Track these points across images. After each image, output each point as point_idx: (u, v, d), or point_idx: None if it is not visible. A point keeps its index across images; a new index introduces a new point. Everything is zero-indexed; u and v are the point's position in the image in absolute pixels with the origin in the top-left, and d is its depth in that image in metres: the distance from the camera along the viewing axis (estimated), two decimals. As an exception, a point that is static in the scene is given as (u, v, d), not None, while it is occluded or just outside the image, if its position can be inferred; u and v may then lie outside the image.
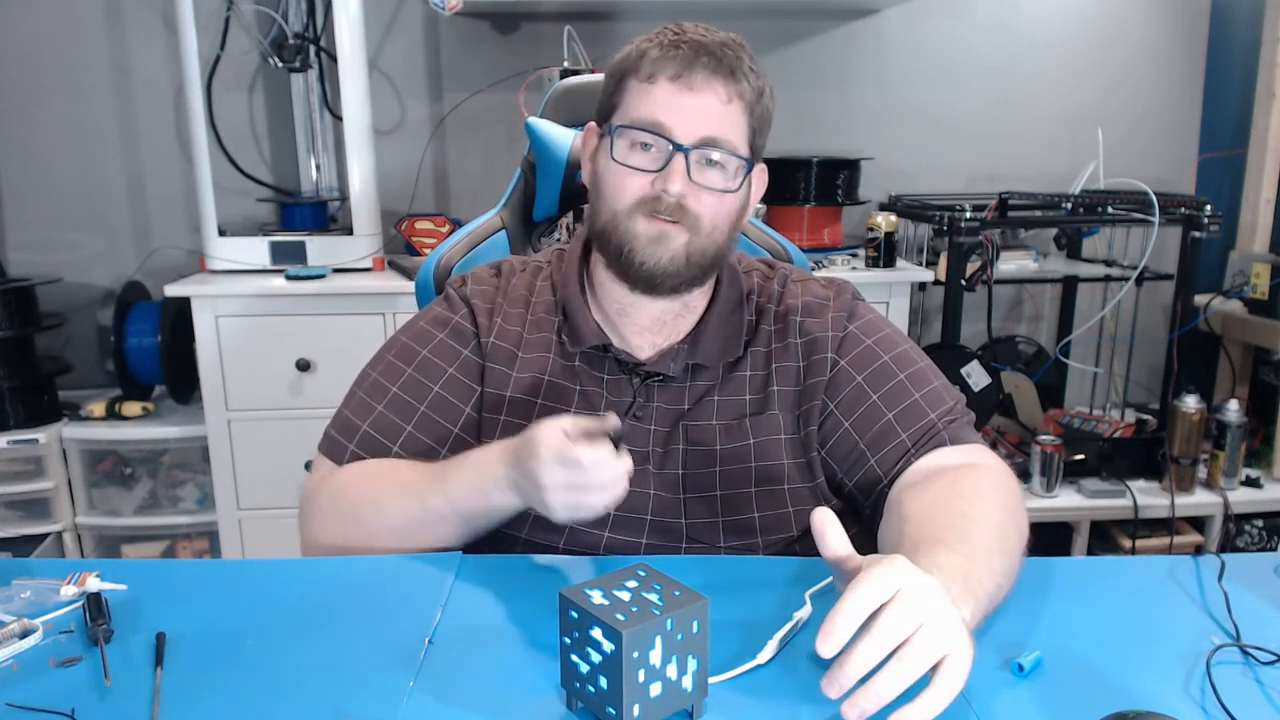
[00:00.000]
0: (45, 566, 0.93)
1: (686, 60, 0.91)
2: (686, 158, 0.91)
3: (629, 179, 0.93)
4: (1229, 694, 0.69)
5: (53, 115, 2.46)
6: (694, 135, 0.91)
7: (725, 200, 0.94)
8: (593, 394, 1.01)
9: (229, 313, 2.15)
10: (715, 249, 0.96)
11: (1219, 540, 2.34)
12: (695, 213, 0.93)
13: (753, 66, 0.94)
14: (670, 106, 0.91)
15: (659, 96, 0.92)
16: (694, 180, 0.92)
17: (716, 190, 0.93)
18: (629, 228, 0.94)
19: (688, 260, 0.94)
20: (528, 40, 2.55)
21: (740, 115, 0.93)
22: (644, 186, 0.93)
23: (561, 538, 0.98)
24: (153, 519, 2.35)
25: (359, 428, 1.02)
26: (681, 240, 0.93)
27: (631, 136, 0.93)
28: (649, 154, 0.93)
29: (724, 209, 0.95)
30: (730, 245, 0.99)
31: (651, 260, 0.94)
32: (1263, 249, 2.63)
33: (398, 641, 0.77)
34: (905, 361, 1.00)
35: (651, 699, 0.64)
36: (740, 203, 0.97)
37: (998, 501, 0.86)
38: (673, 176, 0.91)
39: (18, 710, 0.68)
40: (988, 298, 2.48)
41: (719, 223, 0.95)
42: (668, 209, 0.92)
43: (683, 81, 0.91)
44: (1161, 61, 2.73)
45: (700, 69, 0.91)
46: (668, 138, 0.91)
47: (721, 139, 0.92)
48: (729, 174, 0.94)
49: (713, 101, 0.92)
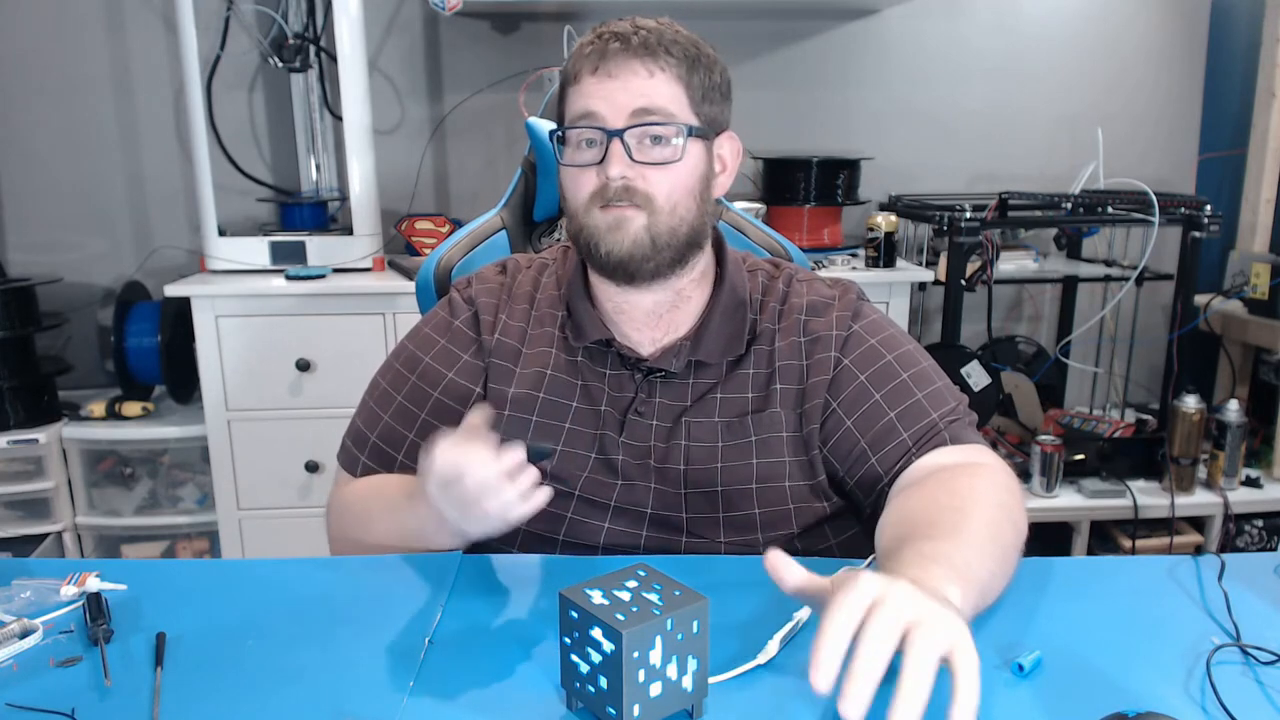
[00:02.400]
0: (45, 566, 0.93)
1: (601, 51, 0.93)
2: (622, 140, 0.92)
3: (580, 177, 0.96)
4: (1229, 694, 0.68)
5: (53, 115, 2.46)
6: (624, 116, 0.93)
7: (675, 171, 0.94)
8: (595, 390, 1.01)
9: (229, 313, 2.15)
10: (686, 228, 0.96)
11: (1219, 540, 2.34)
12: (645, 192, 0.94)
13: (676, 40, 0.94)
14: (595, 96, 0.93)
15: (585, 91, 0.94)
16: (636, 160, 0.93)
17: (660, 164, 0.94)
18: (589, 223, 0.95)
19: (653, 242, 0.94)
20: (528, 40, 2.55)
21: (669, 84, 0.94)
22: (592, 181, 0.95)
23: (561, 529, 0.98)
24: (153, 519, 2.35)
25: (369, 439, 1.05)
26: (639, 223, 0.94)
27: (572, 136, 0.96)
28: (591, 149, 0.95)
29: (678, 181, 0.95)
30: (703, 220, 0.98)
31: (615, 248, 0.94)
32: (1263, 249, 2.63)
33: (398, 641, 0.77)
34: (908, 361, 1.01)
35: (651, 699, 0.64)
36: (697, 172, 0.97)
37: (992, 498, 0.86)
38: (612, 161, 0.92)
39: (18, 710, 0.68)
40: (988, 298, 2.48)
41: (676, 197, 0.95)
42: (616, 194, 0.93)
43: (602, 71, 0.93)
44: (1161, 61, 2.73)
45: (614, 55, 0.93)
46: (600, 126, 0.93)
47: (652, 108, 0.93)
48: (671, 146, 0.94)
49: (635, 80, 0.93)
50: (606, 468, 0.99)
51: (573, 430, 1.00)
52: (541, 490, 0.82)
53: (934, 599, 0.64)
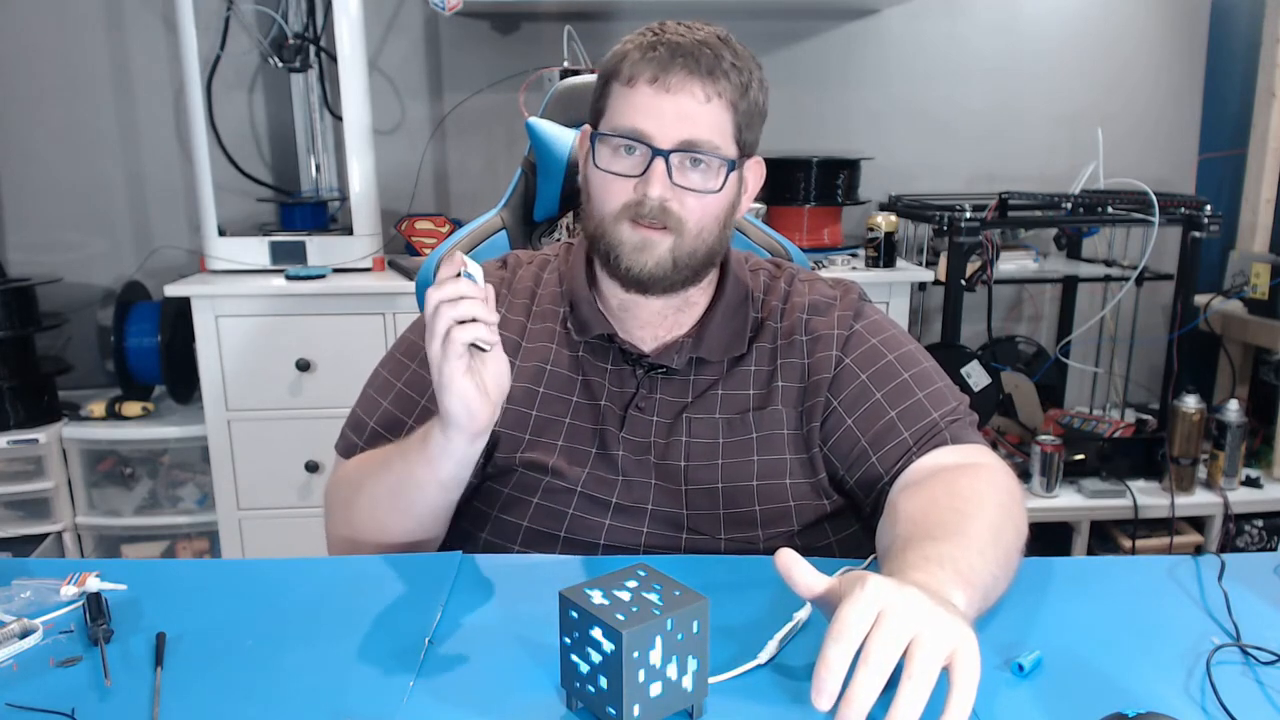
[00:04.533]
0: (45, 566, 0.93)
1: (662, 63, 0.92)
2: (666, 161, 0.92)
3: (613, 184, 0.95)
4: (1229, 694, 0.68)
5: (53, 115, 2.46)
6: (673, 138, 0.92)
7: (709, 200, 0.95)
8: (595, 384, 1.02)
9: (229, 313, 2.15)
10: (705, 249, 0.97)
11: (1219, 540, 2.34)
12: (679, 216, 0.94)
13: (735, 62, 0.93)
14: (648, 111, 0.92)
15: (637, 101, 0.93)
16: (676, 183, 0.93)
17: (699, 191, 0.94)
18: (615, 234, 0.95)
19: (675, 264, 0.95)
20: (528, 40, 2.55)
21: (721, 112, 0.93)
22: (627, 192, 0.94)
23: (563, 526, 0.98)
24: (153, 519, 2.35)
25: (368, 425, 1.04)
26: (666, 245, 0.94)
27: (613, 143, 0.94)
28: (631, 159, 0.94)
29: (710, 209, 0.95)
30: (722, 242, 0.99)
31: (637, 266, 0.95)
32: (1263, 249, 2.63)
33: (398, 641, 0.77)
34: (910, 361, 1.01)
35: (651, 699, 0.64)
36: (728, 200, 0.97)
37: (994, 499, 0.86)
38: (653, 181, 0.92)
39: (18, 710, 0.68)
40: (988, 298, 2.48)
41: (705, 223, 0.95)
42: (650, 213, 0.93)
43: (660, 84, 0.92)
44: (1161, 61, 2.73)
45: (676, 70, 0.91)
46: (647, 143, 0.92)
47: (700, 140, 0.92)
48: (711, 174, 0.94)
49: (690, 103, 0.92)
50: (607, 464, 0.99)
51: (573, 425, 1.01)
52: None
53: (940, 605, 0.65)
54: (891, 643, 0.61)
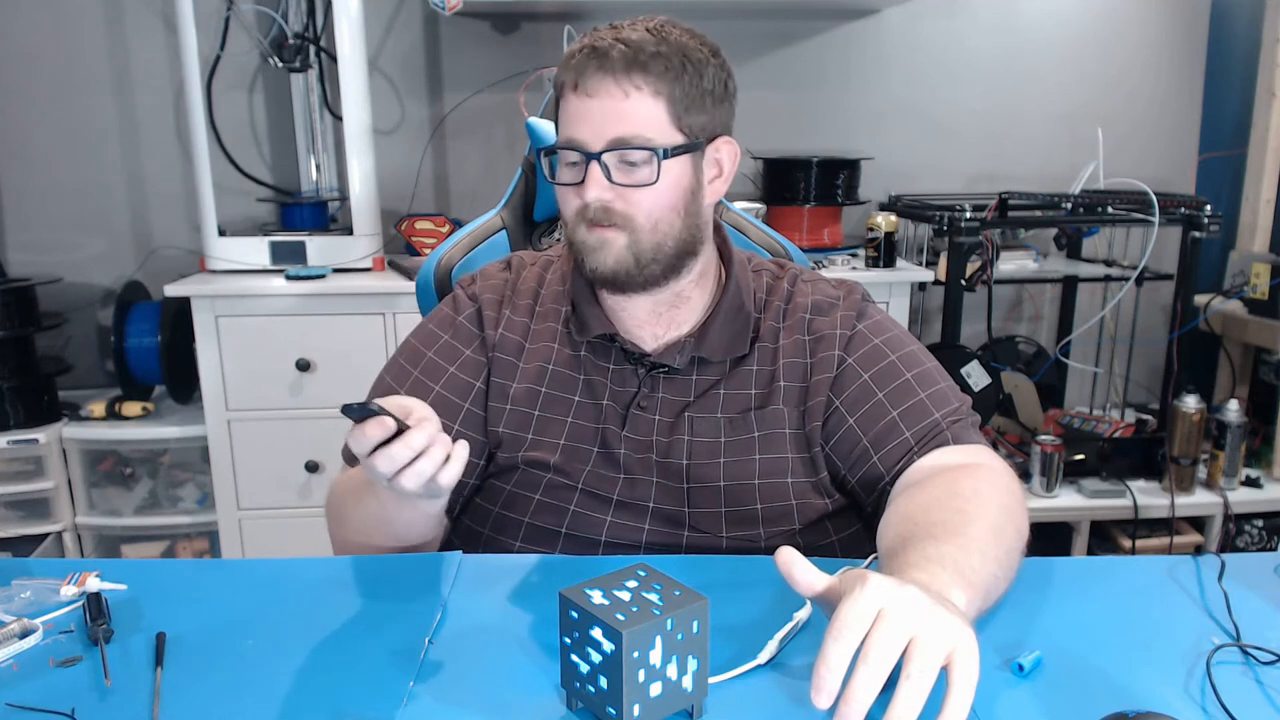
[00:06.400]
0: (45, 566, 0.93)
1: (580, 68, 0.93)
2: (601, 163, 0.93)
3: (566, 195, 0.97)
4: (1229, 694, 0.69)
5: (53, 115, 2.46)
6: (602, 139, 0.93)
7: (654, 192, 0.94)
8: (597, 384, 1.02)
9: (229, 313, 2.15)
10: (673, 241, 0.96)
11: (1219, 540, 2.34)
12: (624, 213, 0.94)
13: (660, 49, 0.92)
14: (576, 118, 0.94)
15: (568, 110, 0.95)
16: (616, 181, 0.93)
17: (638, 186, 0.94)
18: (577, 238, 0.97)
19: (637, 260, 0.95)
20: (528, 40, 2.55)
21: (648, 102, 0.92)
22: (578, 199, 0.95)
23: (564, 523, 0.99)
24: (153, 519, 2.35)
25: None
26: (621, 243, 0.95)
27: (558, 157, 0.96)
28: (574, 169, 0.95)
29: (660, 201, 0.95)
30: (692, 231, 0.98)
31: (600, 265, 0.96)
32: (1263, 249, 2.63)
33: (398, 641, 0.77)
34: (912, 362, 1.01)
35: (651, 699, 0.64)
36: (680, 187, 0.96)
37: (995, 499, 0.86)
38: (590, 186, 0.93)
39: (18, 710, 0.68)
40: (988, 298, 2.48)
41: (659, 215, 0.95)
42: (596, 215, 0.94)
43: (581, 90, 0.93)
44: (1161, 61, 2.73)
45: (592, 73, 0.92)
46: (580, 149, 0.93)
47: (628, 136, 0.92)
48: (649, 169, 0.94)
49: (611, 102, 0.92)
50: (609, 462, 1.00)
51: (575, 424, 1.01)
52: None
53: (940, 605, 0.65)
54: (891, 642, 0.61)
